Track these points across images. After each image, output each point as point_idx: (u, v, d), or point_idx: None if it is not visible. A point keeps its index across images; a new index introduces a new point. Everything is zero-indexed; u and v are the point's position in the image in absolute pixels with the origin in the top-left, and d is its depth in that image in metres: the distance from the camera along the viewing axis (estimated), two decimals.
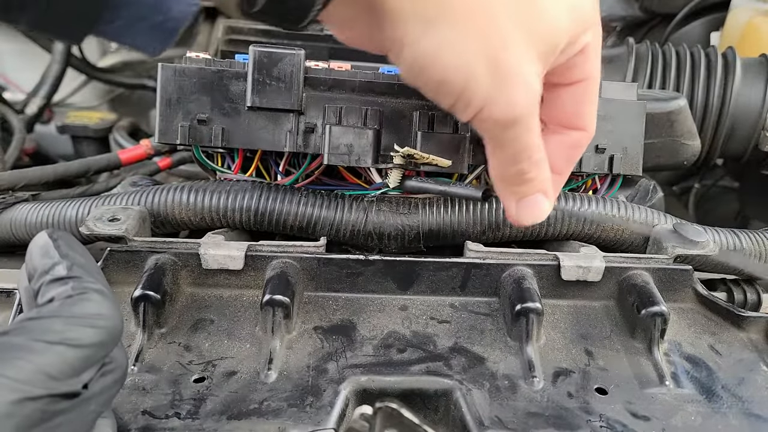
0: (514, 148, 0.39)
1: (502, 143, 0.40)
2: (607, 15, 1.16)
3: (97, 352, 0.32)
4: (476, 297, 0.53)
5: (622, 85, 0.59)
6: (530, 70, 0.37)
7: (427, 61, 0.36)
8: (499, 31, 0.36)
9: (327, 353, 0.47)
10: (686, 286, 0.54)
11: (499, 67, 0.36)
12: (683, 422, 0.43)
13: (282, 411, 0.42)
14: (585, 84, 0.43)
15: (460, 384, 0.45)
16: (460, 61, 0.36)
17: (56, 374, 0.30)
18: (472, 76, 0.36)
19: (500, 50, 0.36)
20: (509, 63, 0.36)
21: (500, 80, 0.36)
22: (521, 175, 0.41)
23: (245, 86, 0.54)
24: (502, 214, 0.55)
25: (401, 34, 0.36)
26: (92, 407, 0.32)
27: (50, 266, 0.34)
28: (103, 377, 0.33)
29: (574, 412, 0.44)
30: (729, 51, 0.80)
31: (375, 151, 0.54)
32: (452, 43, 0.35)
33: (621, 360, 0.49)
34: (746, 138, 0.78)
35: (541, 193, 0.43)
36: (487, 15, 0.35)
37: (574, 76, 0.42)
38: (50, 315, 0.32)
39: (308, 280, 0.52)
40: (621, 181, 0.62)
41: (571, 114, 0.44)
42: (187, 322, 0.49)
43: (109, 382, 0.33)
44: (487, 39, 0.35)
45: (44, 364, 0.30)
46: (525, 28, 0.36)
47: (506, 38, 0.36)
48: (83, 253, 0.36)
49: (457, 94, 0.37)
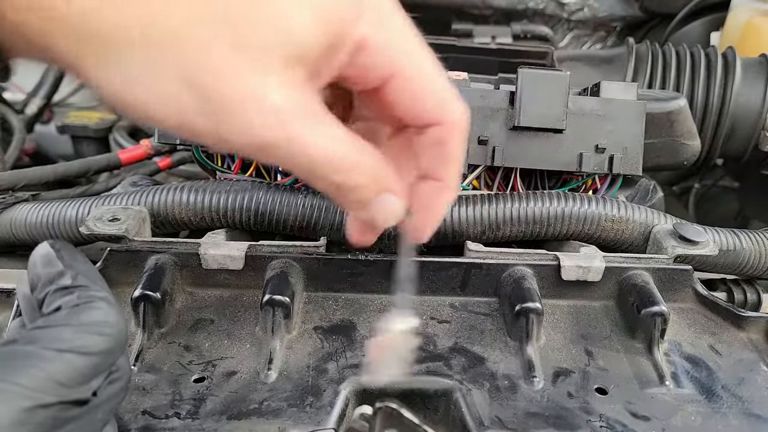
0: (300, 167, 0.33)
1: (285, 165, 0.34)
2: (607, 15, 1.17)
3: (106, 359, 0.32)
4: (476, 297, 0.53)
5: (622, 85, 0.59)
6: (261, 82, 0.30)
7: (119, 97, 0.30)
8: (204, 50, 0.29)
9: (327, 353, 0.47)
10: (686, 286, 0.54)
11: (208, 91, 0.29)
12: (683, 422, 0.43)
13: (282, 411, 0.42)
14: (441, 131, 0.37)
15: (460, 384, 0.45)
16: (159, 94, 0.29)
17: (67, 382, 0.30)
18: (182, 109, 0.30)
19: (206, 73, 0.29)
20: (223, 85, 0.29)
21: (218, 106, 0.30)
22: (338, 189, 0.35)
23: None
24: (502, 213, 0.55)
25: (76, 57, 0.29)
26: (100, 415, 0.32)
27: (55, 276, 0.34)
28: (111, 385, 0.33)
29: (574, 412, 0.43)
30: (729, 51, 0.80)
31: None
32: (146, 72, 0.29)
33: (621, 360, 0.49)
34: (746, 138, 0.78)
35: (383, 192, 0.36)
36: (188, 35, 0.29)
37: (378, 73, 0.34)
38: (59, 324, 0.32)
39: (308, 280, 0.52)
40: (621, 181, 0.62)
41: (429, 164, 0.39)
42: (187, 322, 0.49)
43: (116, 389, 0.33)
44: (188, 62, 0.29)
45: (55, 372, 0.30)
46: (244, 39, 0.30)
47: (217, 57, 0.29)
48: (85, 262, 0.36)
49: (177, 130, 0.31)
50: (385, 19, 0.33)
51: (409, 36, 0.35)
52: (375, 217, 0.37)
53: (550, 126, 0.56)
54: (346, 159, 0.34)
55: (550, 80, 0.56)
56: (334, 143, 0.33)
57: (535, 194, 0.56)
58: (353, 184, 0.34)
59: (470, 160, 0.56)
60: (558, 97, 0.56)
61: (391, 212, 0.37)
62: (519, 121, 0.56)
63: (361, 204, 0.36)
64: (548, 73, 0.56)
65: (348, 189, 0.35)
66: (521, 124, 0.56)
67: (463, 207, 0.55)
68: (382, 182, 0.36)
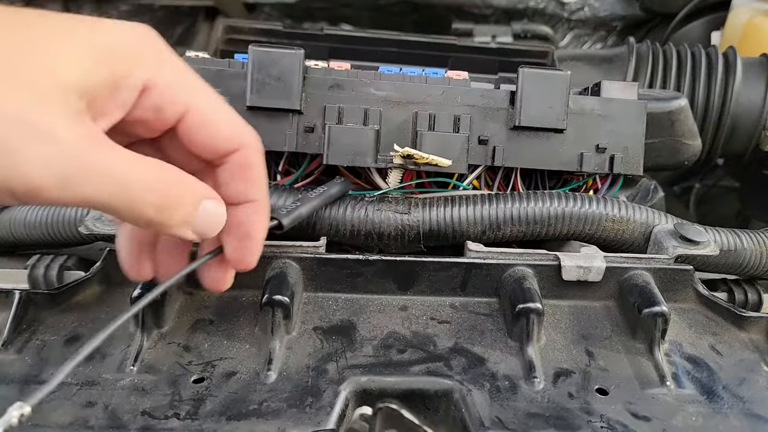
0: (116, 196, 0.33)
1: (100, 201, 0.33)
2: (608, 14, 1.16)
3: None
4: (476, 297, 0.53)
5: (623, 84, 0.59)
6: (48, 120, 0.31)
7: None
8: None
9: (327, 353, 0.47)
10: (687, 286, 0.54)
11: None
12: (684, 423, 0.43)
13: (282, 411, 0.42)
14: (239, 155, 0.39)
15: (461, 384, 0.45)
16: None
17: None
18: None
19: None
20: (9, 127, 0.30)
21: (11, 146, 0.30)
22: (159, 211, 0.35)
23: (244, 86, 0.54)
24: (503, 213, 0.55)
25: None
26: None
27: None
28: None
29: (574, 413, 0.43)
30: (730, 50, 0.80)
31: (375, 151, 0.54)
32: None
33: (622, 360, 0.49)
34: (747, 138, 0.78)
35: (202, 200, 0.37)
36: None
37: (170, 111, 0.37)
38: None
39: (308, 280, 0.52)
40: (621, 181, 0.62)
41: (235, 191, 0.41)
42: (186, 323, 0.49)
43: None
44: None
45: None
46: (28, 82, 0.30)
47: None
48: None
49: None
50: (165, 62, 0.36)
51: (192, 76, 0.38)
52: (203, 229, 0.38)
53: (550, 126, 0.56)
54: (158, 178, 0.35)
55: (550, 80, 0.56)
56: (139, 166, 0.34)
57: (536, 194, 0.56)
58: (172, 200, 0.35)
59: (470, 160, 0.56)
60: (558, 97, 0.56)
61: (216, 217, 0.38)
62: (519, 120, 0.56)
63: (185, 221, 0.37)
64: (549, 72, 0.56)
65: (168, 207, 0.35)
66: (522, 124, 0.56)
67: (463, 207, 0.54)
68: (198, 191, 0.37)
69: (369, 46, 0.83)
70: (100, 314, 0.49)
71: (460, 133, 0.55)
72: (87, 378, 0.44)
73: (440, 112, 0.55)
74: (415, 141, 0.55)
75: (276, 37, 0.84)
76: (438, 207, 0.54)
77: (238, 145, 0.39)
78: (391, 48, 0.83)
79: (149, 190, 0.34)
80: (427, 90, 0.56)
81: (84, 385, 0.43)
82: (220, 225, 0.39)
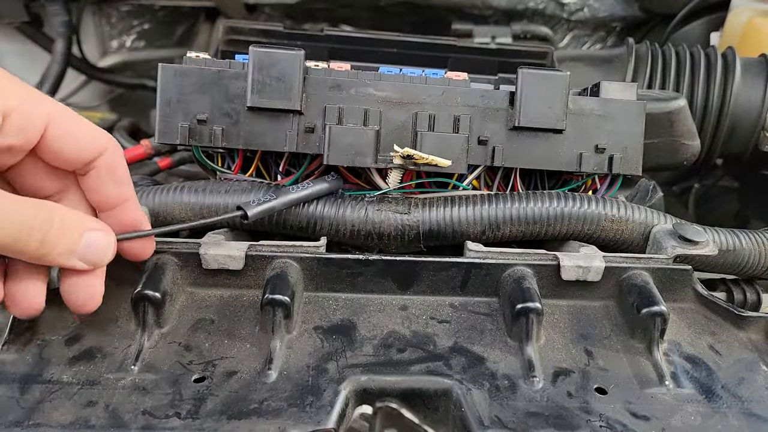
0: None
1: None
2: (607, 15, 1.17)
3: None
4: (476, 297, 0.53)
5: (622, 85, 0.59)
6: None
7: None
8: None
9: (327, 353, 0.47)
10: (686, 286, 0.54)
11: None
12: (683, 422, 0.43)
13: (282, 411, 0.42)
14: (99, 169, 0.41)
15: (460, 384, 0.45)
16: None
17: None
18: None
19: None
20: None
21: None
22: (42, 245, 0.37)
23: (245, 86, 0.54)
24: (502, 213, 0.55)
25: None
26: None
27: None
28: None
29: (573, 412, 0.44)
30: (729, 51, 0.80)
31: (375, 151, 0.54)
32: None
33: (621, 360, 0.49)
34: (746, 138, 0.78)
35: (86, 231, 0.39)
36: None
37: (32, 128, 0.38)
38: None
39: (308, 280, 0.52)
40: (621, 181, 0.62)
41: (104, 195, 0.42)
42: (187, 322, 0.49)
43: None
44: None
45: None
46: None
47: None
48: None
49: None
50: (10, 83, 0.37)
51: (37, 91, 0.39)
52: (91, 257, 0.40)
53: (550, 126, 0.56)
54: (36, 215, 0.36)
55: (550, 80, 0.56)
56: (17, 204, 0.36)
57: (535, 194, 0.56)
58: (55, 236, 0.37)
59: (470, 160, 0.56)
60: (558, 97, 0.56)
61: (103, 246, 0.40)
62: (519, 121, 0.56)
63: (70, 251, 0.38)
64: (548, 73, 0.56)
65: (51, 243, 0.37)
66: (521, 124, 0.56)
67: (463, 207, 0.55)
68: (80, 223, 0.39)
69: (369, 46, 0.83)
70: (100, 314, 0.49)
71: (459, 133, 0.55)
72: (88, 377, 0.44)
73: (440, 113, 0.55)
74: (415, 141, 0.55)
75: (276, 38, 0.84)
76: (438, 207, 0.55)
77: (102, 148, 0.41)
78: (391, 49, 0.83)
79: (31, 228, 0.36)
80: (427, 90, 0.56)
81: (85, 384, 0.43)
82: (109, 252, 0.41)
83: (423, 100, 0.56)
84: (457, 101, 0.56)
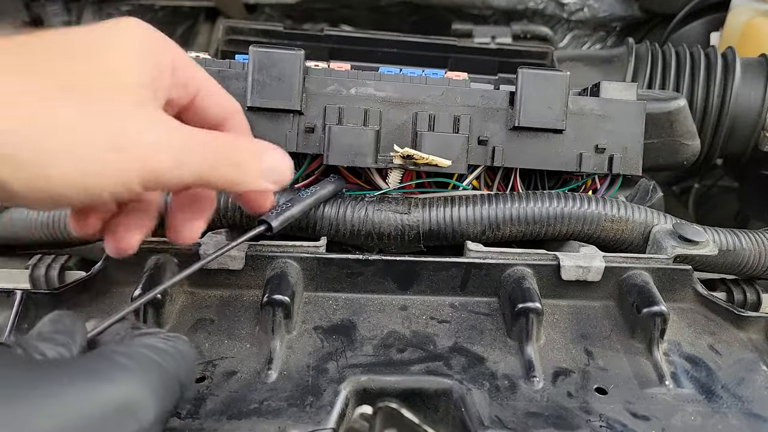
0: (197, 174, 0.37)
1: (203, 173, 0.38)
2: (607, 15, 1.17)
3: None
4: (476, 297, 0.53)
5: (622, 85, 0.59)
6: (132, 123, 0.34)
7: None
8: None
9: (327, 353, 0.47)
10: (686, 286, 0.54)
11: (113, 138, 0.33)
12: (683, 422, 0.43)
13: (282, 411, 0.42)
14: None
15: (460, 384, 0.45)
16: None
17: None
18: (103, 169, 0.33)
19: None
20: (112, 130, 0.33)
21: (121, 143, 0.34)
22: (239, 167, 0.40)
23: (245, 86, 0.54)
24: (502, 213, 0.55)
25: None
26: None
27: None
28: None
29: (573, 412, 0.44)
30: (729, 51, 0.80)
31: (375, 151, 0.54)
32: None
33: (621, 360, 0.49)
34: (746, 138, 0.78)
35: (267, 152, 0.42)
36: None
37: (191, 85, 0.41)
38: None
39: (308, 280, 0.52)
40: (621, 181, 0.62)
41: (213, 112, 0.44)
42: (187, 322, 0.49)
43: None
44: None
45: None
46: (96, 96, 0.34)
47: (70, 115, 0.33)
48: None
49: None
50: (172, 43, 0.40)
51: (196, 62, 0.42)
52: (275, 177, 0.42)
53: (549, 126, 0.56)
54: (226, 141, 0.39)
55: (549, 80, 0.56)
56: (212, 138, 0.38)
57: (535, 194, 0.56)
58: (246, 160, 0.40)
59: (470, 160, 0.56)
60: (558, 97, 0.56)
61: (284, 165, 0.42)
62: (519, 121, 0.56)
63: (260, 172, 0.41)
64: (548, 73, 0.56)
65: (245, 167, 0.40)
66: (521, 124, 0.56)
67: (463, 207, 0.55)
68: (260, 146, 0.42)
69: (369, 46, 0.83)
70: (101, 314, 0.49)
71: (459, 133, 0.55)
72: None
73: (440, 113, 0.55)
74: (415, 141, 0.55)
75: (276, 38, 0.84)
76: (438, 207, 0.55)
77: (234, 110, 0.44)
78: (391, 49, 0.83)
79: (227, 155, 0.38)
80: (427, 90, 0.56)
81: None
82: (288, 170, 0.42)
83: (423, 100, 0.56)
84: (457, 101, 0.56)
